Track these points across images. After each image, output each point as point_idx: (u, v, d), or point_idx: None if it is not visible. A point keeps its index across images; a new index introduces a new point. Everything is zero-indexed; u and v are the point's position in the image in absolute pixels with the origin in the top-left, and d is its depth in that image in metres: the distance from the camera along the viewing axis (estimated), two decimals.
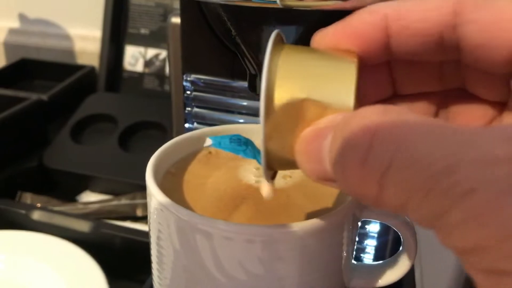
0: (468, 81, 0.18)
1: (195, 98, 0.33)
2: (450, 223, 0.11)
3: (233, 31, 0.23)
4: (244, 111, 0.32)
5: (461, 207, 0.11)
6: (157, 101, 0.64)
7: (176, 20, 0.30)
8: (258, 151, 0.23)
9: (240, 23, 0.23)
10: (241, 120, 0.32)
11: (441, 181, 0.11)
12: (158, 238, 0.24)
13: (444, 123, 0.12)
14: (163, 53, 0.69)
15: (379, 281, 0.26)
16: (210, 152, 0.30)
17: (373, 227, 0.33)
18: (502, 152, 0.11)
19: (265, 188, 0.23)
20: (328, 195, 0.26)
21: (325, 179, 0.15)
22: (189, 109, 0.33)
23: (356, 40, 0.17)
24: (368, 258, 0.34)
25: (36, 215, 0.45)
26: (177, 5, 0.31)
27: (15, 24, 0.94)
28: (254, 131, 0.31)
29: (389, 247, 0.33)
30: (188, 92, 0.32)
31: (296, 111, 0.16)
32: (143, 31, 0.70)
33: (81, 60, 0.83)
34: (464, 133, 0.12)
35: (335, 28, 0.17)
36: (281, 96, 0.16)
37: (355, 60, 0.17)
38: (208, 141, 0.22)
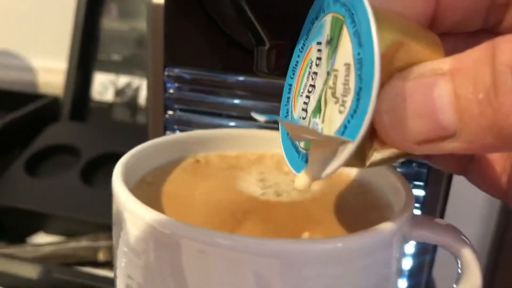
0: None
1: (179, 99, 0.26)
2: None
3: None
4: (234, 114, 0.26)
5: None
6: (126, 131, 0.57)
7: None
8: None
9: None
10: (232, 123, 0.26)
11: None
12: (130, 265, 0.17)
13: None
14: (136, 82, 0.63)
15: None
16: (197, 161, 0.24)
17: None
18: None
19: (301, 177, 0.16)
20: (354, 210, 0.20)
21: (440, 137, 0.14)
22: (170, 112, 0.26)
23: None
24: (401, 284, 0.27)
25: None
26: None
27: None
28: (247, 136, 0.24)
29: (426, 270, 0.26)
30: (171, 91, 0.26)
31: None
32: (115, 57, 0.64)
33: (46, 92, 0.77)
34: None
35: None
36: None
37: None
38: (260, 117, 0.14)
